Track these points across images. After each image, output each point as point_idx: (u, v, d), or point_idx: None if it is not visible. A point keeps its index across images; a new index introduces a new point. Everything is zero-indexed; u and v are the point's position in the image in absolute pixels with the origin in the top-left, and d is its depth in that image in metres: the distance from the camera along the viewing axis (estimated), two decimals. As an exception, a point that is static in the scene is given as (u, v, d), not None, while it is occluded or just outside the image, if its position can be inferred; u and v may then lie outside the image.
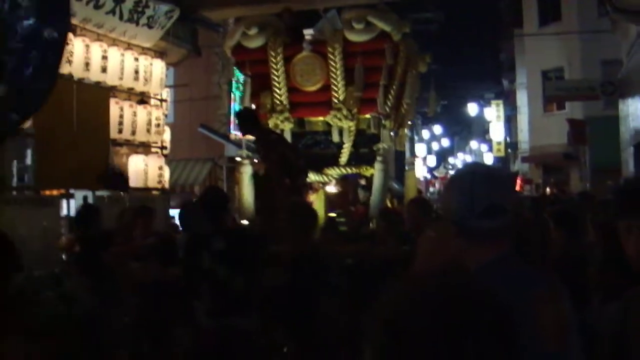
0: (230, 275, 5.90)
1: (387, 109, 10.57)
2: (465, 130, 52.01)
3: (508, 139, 38.59)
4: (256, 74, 10.87)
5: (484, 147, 45.59)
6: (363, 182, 10.92)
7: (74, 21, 10.03)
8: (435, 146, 51.59)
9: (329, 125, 10.68)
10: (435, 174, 54.24)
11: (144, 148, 12.36)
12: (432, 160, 51.16)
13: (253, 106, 10.94)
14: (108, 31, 11.05)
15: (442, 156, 54.97)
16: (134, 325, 7.46)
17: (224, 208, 6.42)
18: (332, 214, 10.35)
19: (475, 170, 2.57)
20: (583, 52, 27.63)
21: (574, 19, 28.07)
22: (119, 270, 7.35)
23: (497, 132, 38.11)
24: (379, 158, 10.39)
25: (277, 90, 10.73)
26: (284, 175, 8.85)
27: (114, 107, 11.22)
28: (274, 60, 10.62)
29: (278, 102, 10.76)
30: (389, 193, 12.04)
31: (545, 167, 31.17)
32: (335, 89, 10.46)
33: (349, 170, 10.72)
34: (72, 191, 10.59)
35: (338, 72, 10.38)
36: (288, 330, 5.78)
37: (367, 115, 10.55)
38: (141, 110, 12.01)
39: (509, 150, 38.98)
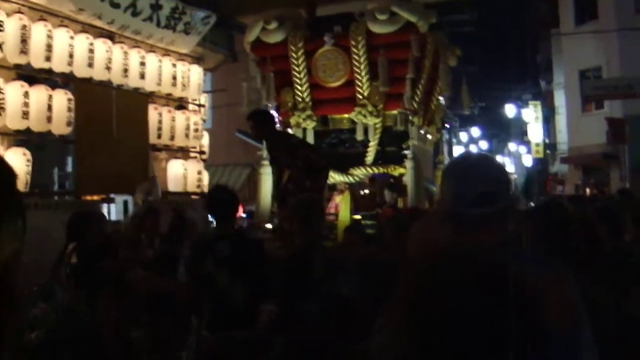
0: (233, 284, 5.13)
1: (415, 105, 9.76)
2: (504, 132, 50.72)
3: (547, 140, 37.37)
4: (277, 71, 10.10)
5: (522, 149, 44.30)
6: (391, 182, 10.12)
7: (112, 28, 10.38)
8: (473, 149, 50.38)
9: (354, 122, 9.86)
10: (474, 177, 52.93)
11: (183, 153, 12.17)
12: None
13: (269, 105, 10.17)
14: (146, 38, 11.06)
15: (481, 159, 53.63)
16: (145, 339, 6.79)
17: (230, 207, 5.61)
18: (358, 216, 9.54)
19: (465, 159, 2.60)
20: (621, 50, 26.42)
21: (611, 17, 26.93)
22: (123, 279, 6.63)
23: (536, 133, 36.86)
24: (409, 156, 9.56)
25: (299, 87, 9.96)
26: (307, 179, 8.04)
27: (153, 112, 11.12)
28: (294, 56, 9.85)
29: (300, 99, 9.99)
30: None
31: (585, 168, 30.01)
32: (360, 84, 9.66)
33: (376, 170, 9.90)
34: (112, 196, 10.62)
35: (362, 67, 9.58)
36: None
37: (394, 112, 9.72)
38: (179, 115, 11.84)
39: (548, 151, 37.73)
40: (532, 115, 36.91)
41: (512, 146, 49.75)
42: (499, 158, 55.06)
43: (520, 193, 40.74)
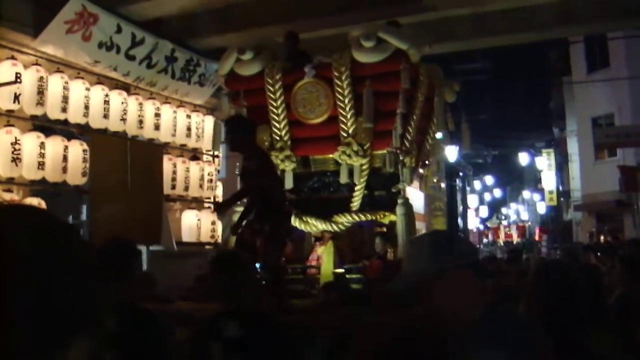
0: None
1: (407, 144, 8.18)
2: (517, 180, 48.99)
3: (560, 187, 35.69)
4: (252, 106, 8.58)
5: (536, 197, 42.53)
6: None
7: (128, 80, 10.30)
8: (487, 197, 48.73)
9: (338, 164, 8.28)
10: (488, 224, 51.11)
11: (197, 203, 11.66)
12: (484, 211, 48.24)
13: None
14: (161, 89, 10.93)
15: (495, 207, 51.96)
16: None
17: (128, 259, 4.13)
18: (340, 270, 7.94)
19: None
20: (633, 98, 25.27)
21: (622, 65, 25.74)
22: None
23: (549, 181, 35.22)
24: (400, 201, 7.95)
25: (276, 124, 8.43)
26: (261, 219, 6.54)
27: (167, 163, 10.73)
28: (271, 89, 8.35)
29: (277, 137, 8.45)
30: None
31: (599, 215, 28.42)
32: (344, 120, 8.13)
33: (363, 218, 8.28)
34: None
35: (346, 100, 8.05)
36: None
37: (383, 151, 8.15)
38: (194, 166, 11.48)
39: (562, 199, 36.05)
40: (545, 163, 35.35)
41: (526, 194, 48.03)
42: (513, 205, 53.44)
43: (533, 240, 38.97)
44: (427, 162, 9.08)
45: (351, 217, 8.28)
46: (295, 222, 8.45)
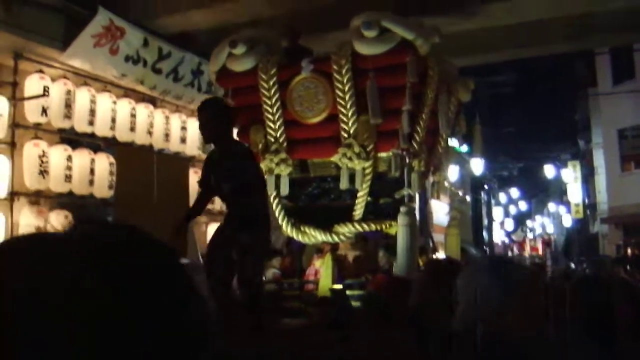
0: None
1: (415, 145, 7.07)
2: (543, 192, 47.50)
3: (586, 200, 34.35)
4: (245, 105, 7.51)
5: (562, 209, 41.09)
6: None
7: (154, 93, 10.32)
8: (512, 210, 47.29)
9: (339, 168, 7.19)
10: (513, 238, 49.56)
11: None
12: (509, 224, 46.78)
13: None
14: (187, 102, 10.96)
15: (520, 220, 50.46)
16: None
17: None
18: (338, 286, 6.86)
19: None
20: (658, 109, 24.42)
21: (648, 76, 24.88)
22: None
23: (575, 193, 33.94)
24: (402, 210, 6.84)
25: (271, 125, 7.33)
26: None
27: (193, 176, 10.37)
28: (265, 86, 7.26)
29: (272, 139, 7.35)
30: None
31: (626, 228, 27.25)
32: (344, 119, 7.01)
33: (366, 228, 7.17)
34: None
35: (347, 97, 6.94)
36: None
37: (388, 154, 7.05)
38: None
39: (588, 211, 34.71)
40: (571, 176, 34.13)
41: (551, 206, 46.54)
42: (538, 218, 51.85)
43: (560, 253, 37.63)
44: (439, 166, 7.94)
45: (353, 227, 7.16)
46: (292, 232, 7.41)
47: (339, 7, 9.20)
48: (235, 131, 7.35)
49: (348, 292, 6.86)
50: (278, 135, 7.32)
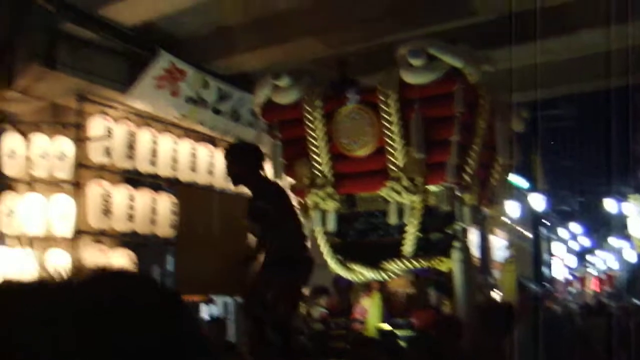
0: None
1: (467, 178, 6.68)
2: (604, 227, 46.05)
3: (650, 234, 33.06)
4: (289, 139, 7.25)
5: (624, 244, 39.71)
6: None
7: (214, 133, 10.31)
8: (573, 245, 45.95)
9: (388, 203, 6.83)
10: (576, 274, 48.02)
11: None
12: (571, 260, 45.43)
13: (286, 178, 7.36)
14: None
15: (581, 255, 48.98)
16: None
17: None
18: (385, 326, 6.48)
19: None
20: None
21: None
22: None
23: (637, 227, 32.67)
24: (457, 245, 6.44)
25: (317, 158, 7.04)
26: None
27: None
28: (310, 118, 6.99)
29: (318, 173, 7.05)
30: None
31: (692, 263, 26.12)
32: (392, 151, 6.68)
33: (416, 264, 6.79)
34: (212, 297, 10.00)
35: (394, 128, 6.62)
36: None
37: (438, 187, 6.68)
38: None
39: (652, 246, 33.40)
40: (633, 209, 32.82)
41: (613, 241, 45.06)
42: (600, 253, 50.28)
43: (622, 289, 36.32)
44: (493, 200, 7.52)
45: (402, 263, 6.79)
46: (339, 269, 7.07)
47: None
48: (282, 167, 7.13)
49: (397, 332, 6.48)
50: (324, 169, 7.02)
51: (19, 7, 8.62)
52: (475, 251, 8.28)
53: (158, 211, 9.51)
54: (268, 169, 6.88)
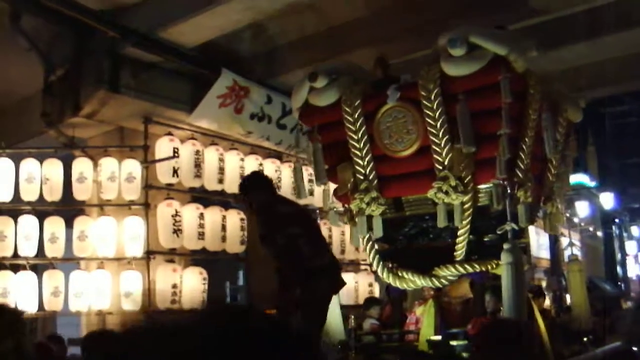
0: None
1: (519, 174, 6.14)
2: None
3: None
4: (331, 142, 6.84)
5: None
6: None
7: (280, 148, 10.42)
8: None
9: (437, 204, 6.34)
10: (651, 272, 46.12)
11: (354, 266, 11.53)
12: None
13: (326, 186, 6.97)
14: None
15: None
16: None
17: None
18: (436, 338, 5.97)
19: None
20: None
21: None
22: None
23: None
24: (506, 247, 5.90)
25: (359, 161, 6.59)
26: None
27: (322, 228, 9.50)
28: (350, 119, 6.55)
29: (361, 176, 6.59)
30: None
31: None
32: (437, 149, 6.19)
33: (470, 269, 6.27)
34: None
35: (438, 125, 6.14)
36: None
37: (489, 185, 6.16)
38: (349, 230, 10.49)
39: None
40: None
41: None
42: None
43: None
44: (551, 196, 6.92)
45: (455, 268, 6.29)
46: (388, 278, 6.60)
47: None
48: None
49: (452, 343, 5.98)
50: (367, 172, 6.57)
51: (83, 35, 8.80)
52: (541, 252, 7.64)
53: (227, 228, 9.55)
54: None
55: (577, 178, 13.23)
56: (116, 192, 9.22)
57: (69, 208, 9.52)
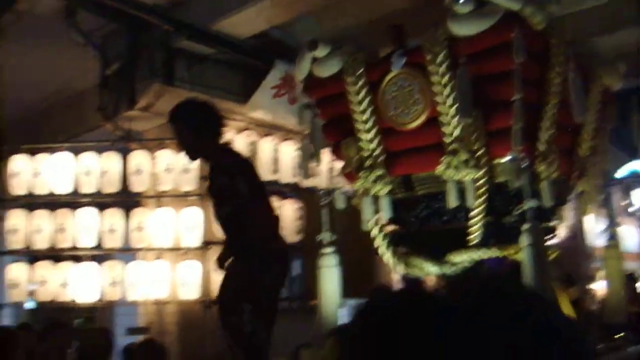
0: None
1: (540, 145, 5.34)
2: None
3: None
4: (335, 117, 6.18)
5: None
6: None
7: None
8: None
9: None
10: None
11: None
12: None
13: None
14: None
15: None
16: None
17: None
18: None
19: None
20: None
21: None
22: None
23: None
24: (525, 227, 5.11)
25: (364, 136, 5.90)
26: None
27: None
28: (352, 90, 5.87)
29: (366, 153, 5.91)
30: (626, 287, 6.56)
31: None
32: (445, 120, 5.45)
33: (486, 254, 5.51)
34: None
35: (446, 92, 5.39)
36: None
37: (505, 158, 5.38)
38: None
39: None
40: None
41: None
42: None
43: None
44: (584, 173, 6.06)
45: (470, 254, 5.54)
46: (397, 264, 5.91)
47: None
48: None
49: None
50: (372, 147, 5.87)
51: (137, 29, 9.01)
52: (575, 236, 6.80)
53: (284, 218, 9.32)
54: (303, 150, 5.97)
55: (632, 166, 12.04)
56: (173, 183, 9.45)
57: (127, 200, 9.77)
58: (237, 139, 9.39)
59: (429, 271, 5.77)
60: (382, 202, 5.85)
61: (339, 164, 6.36)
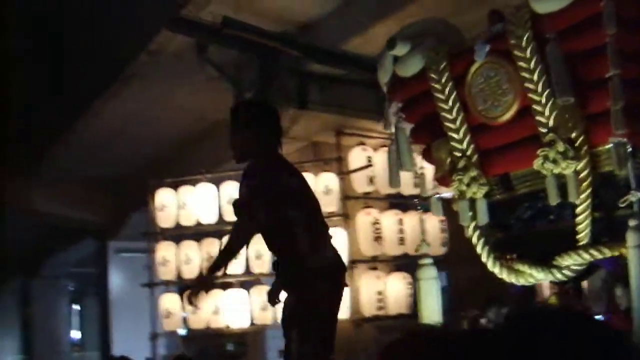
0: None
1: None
2: None
3: None
4: (422, 118, 5.74)
5: None
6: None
7: None
8: None
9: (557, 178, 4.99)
10: None
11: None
12: None
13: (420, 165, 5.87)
14: None
15: None
16: None
17: None
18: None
19: None
20: None
21: None
22: None
23: None
24: (632, 224, 4.44)
25: (454, 135, 5.42)
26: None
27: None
28: (437, 87, 5.42)
29: (458, 153, 5.42)
30: None
31: None
32: (538, 108, 4.88)
33: (597, 255, 4.86)
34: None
35: (535, 77, 4.83)
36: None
37: (608, 145, 4.73)
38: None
39: None
40: None
41: None
42: None
43: None
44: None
45: (579, 256, 4.91)
46: (501, 272, 5.36)
47: None
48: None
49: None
50: (464, 147, 5.38)
51: (267, 57, 9.04)
52: None
53: (427, 231, 9.21)
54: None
55: None
56: (318, 205, 9.63)
57: (272, 225, 10.03)
58: (375, 157, 9.38)
59: (536, 278, 5.18)
60: (478, 205, 5.33)
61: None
